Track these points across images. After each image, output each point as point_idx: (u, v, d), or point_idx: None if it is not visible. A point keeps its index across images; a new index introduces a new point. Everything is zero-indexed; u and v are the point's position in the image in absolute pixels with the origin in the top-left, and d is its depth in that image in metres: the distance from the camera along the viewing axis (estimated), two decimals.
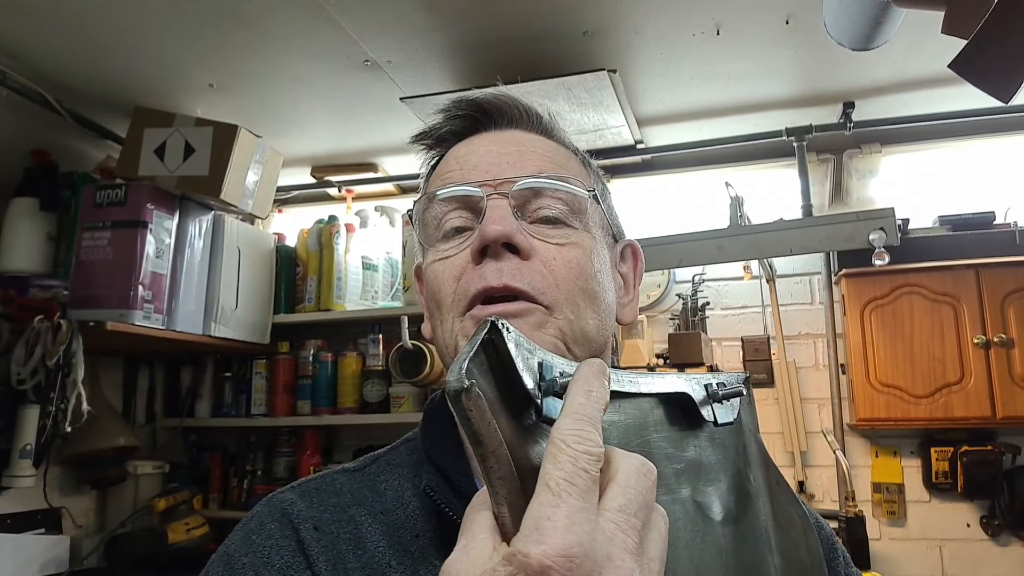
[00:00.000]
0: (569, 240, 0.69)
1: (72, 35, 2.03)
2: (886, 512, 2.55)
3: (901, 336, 2.45)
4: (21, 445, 2.23)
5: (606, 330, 0.71)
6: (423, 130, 0.80)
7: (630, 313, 0.78)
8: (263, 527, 0.66)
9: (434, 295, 0.70)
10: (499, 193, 0.68)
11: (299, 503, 0.68)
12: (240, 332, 2.65)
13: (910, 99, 2.47)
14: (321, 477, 0.73)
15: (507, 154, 0.72)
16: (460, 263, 0.68)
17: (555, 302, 0.66)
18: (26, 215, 2.33)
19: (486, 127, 0.77)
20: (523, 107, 0.78)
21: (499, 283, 0.65)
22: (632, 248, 0.82)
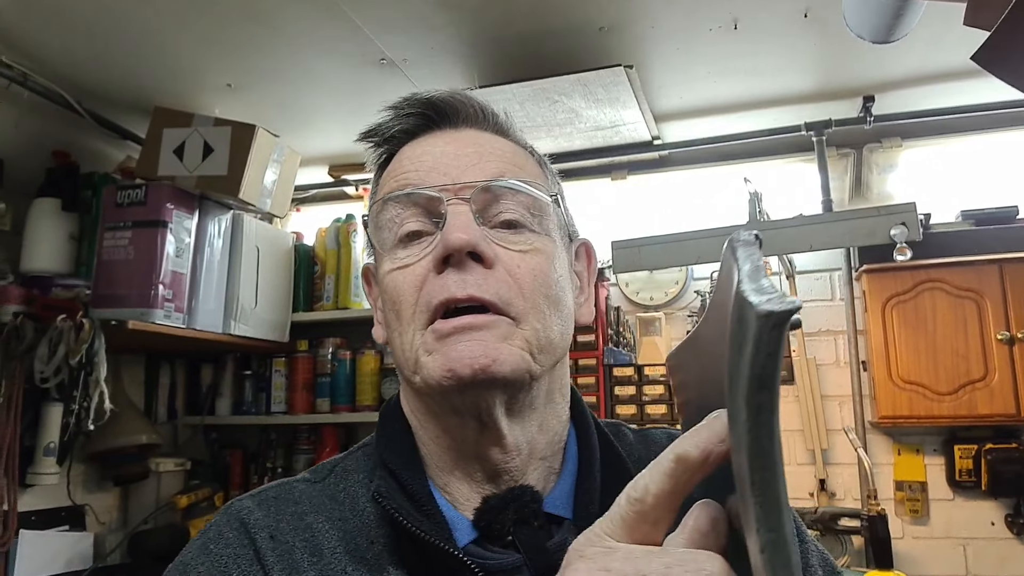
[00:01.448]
0: (532, 246, 0.67)
1: (92, 37, 2.05)
2: (909, 511, 2.52)
3: (924, 332, 2.42)
4: (45, 443, 2.26)
5: (568, 334, 0.70)
6: (371, 126, 0.76)
7: (587, 313, 0.76)
8: (221, 536, 0.65)
9: (393, 305, 0.67)
10: (459, 198, 0.66)
11: (257, 511, 0.66)
12: (259, 330, 2.66)
13: (931, 92, 2.44)
14: (280, 485, 0.71)
15: (465, 155, 0.69)
16: (420, 272, 0.66)
17: (521, 312, 0.64)
18: (48, 215, 2.36)
19: (439, 126, 0.73)
20: (478, 105, 0.74)
21: (464, 294, 0.63)
22: (586, 247, 0.80)
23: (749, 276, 0.35)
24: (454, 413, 0.66)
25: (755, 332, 0.32)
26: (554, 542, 0.65)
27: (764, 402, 0.33)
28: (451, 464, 0.68)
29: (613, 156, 2.81)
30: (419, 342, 0.65)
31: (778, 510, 0.34)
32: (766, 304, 0.32)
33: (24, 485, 2.25)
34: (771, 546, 0.33)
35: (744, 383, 0.33)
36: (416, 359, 0.65)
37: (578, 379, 2.60)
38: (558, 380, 0.71)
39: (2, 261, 2.28)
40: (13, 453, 2.15)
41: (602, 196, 2.95)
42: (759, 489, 0.33)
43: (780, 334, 0.32)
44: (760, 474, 0.33)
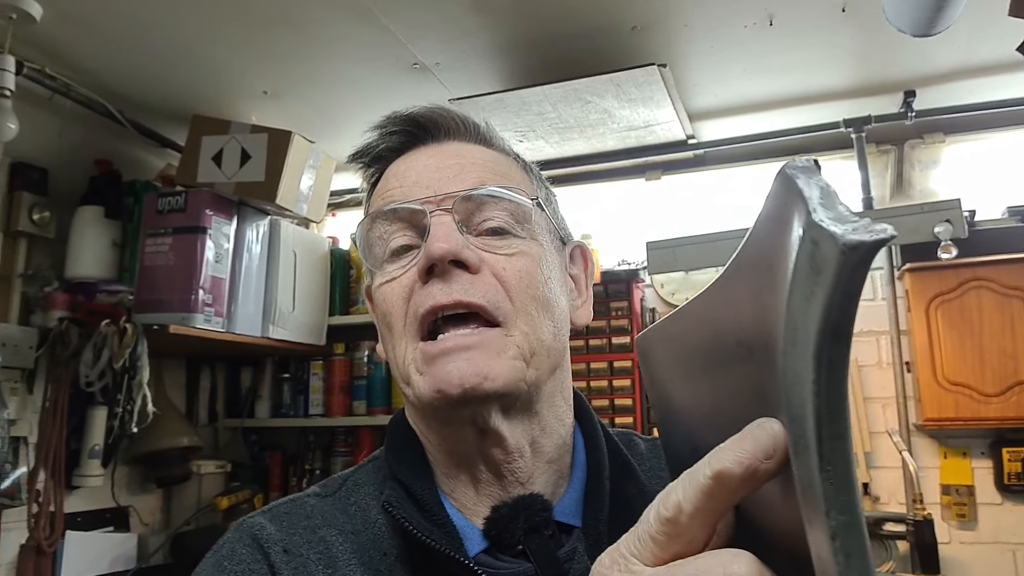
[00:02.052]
0: (517, 250, 0.68)
1: (132, 48, 2.09)
2: (956, 515, 2.46)
3: (969, 332, 2.35)
4: (90, 445, 2.31)
5: (563, 336, 0.70)
6: (358, 148, 0.78)
7: (584, 315, 0.76)
8: (234, 553, 0.65)
9: (385, 318, 0.69)
10: (442, 209, 0.67)
11: (269, 527, 0.67)
12: (297, 334, 2.69)
13: (974, 86, 2.37)
14: (291, 501, 0.72)
15: (447, 167, 0.70)
16: (407, 283, 0.66)
17: (509, 315, 0.65)
18: (92, 223, 2.41)
19: (423, 141, 0.75)
20: (459, 118, 0.76)
21: (450, 300, 0.63)
22: (581, 249, 0.80)
23: (823, 203, 0.29)
24: (448, 425, 0.66)
25: (837, 268, 0.27)
26: (565, 551, 0.64)
27: (838, 357, 0.28)
28: (456, 468, 0.68)
29: (647, 156, 2.79)
30: (410, 358, 0.66)
31: (850, 488, 0.28)
32: (852, 234, 0.27)
33: (70, 487, 2.30)
34: (844, 530, 0.28)
35: (815, 334, 0.28)
36: (408, 375, 0.66)
37: (613, 381, 2.58)
38: (558, 384, 0.71)
39: (47, 268, 2.33)
40: (60, 456, 2.21)
41: (636, 197, 2.93)
42: (829, 464, 0.28)
43: (866, 271, 0.27)
44: (830, 445, 0.28)
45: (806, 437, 0.29)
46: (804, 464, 0.30)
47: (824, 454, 0.28)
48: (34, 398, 2.26)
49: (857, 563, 0.28)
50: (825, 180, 0.31)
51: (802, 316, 0.29)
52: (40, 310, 2.27)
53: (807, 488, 0.29)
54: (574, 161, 2.79)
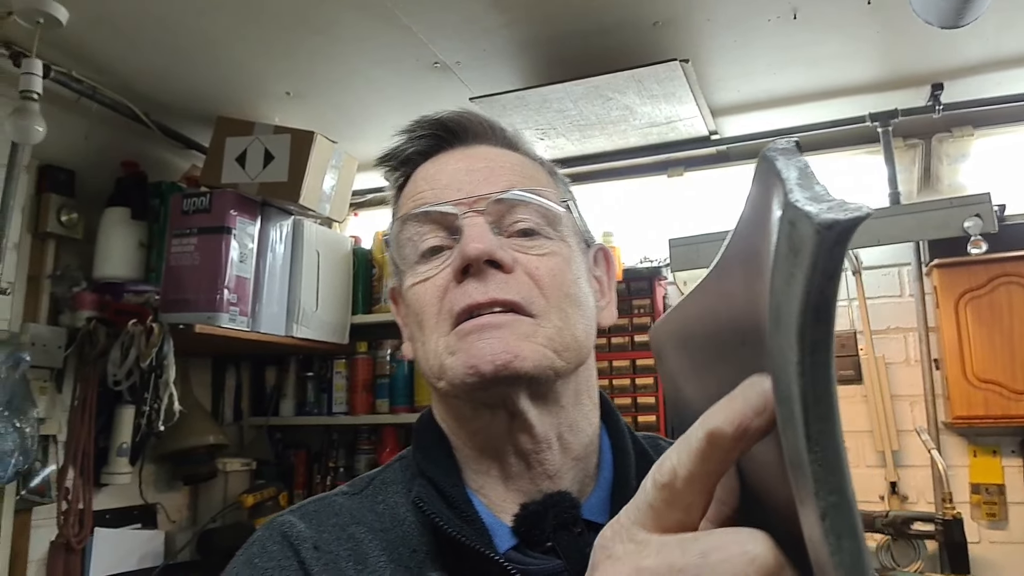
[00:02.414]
0: (549, 250, 0.69)
1: (158, 51, 2.11)
2: (986, 514, 2.42)
3: (1000, 329, 2.31)
4: (118, 443, 2.34)
5: (592, 335, 0.71)
6: (387, 151, 0.79)
7: (608, 316, 0.77)
8: (265, 550, 0.65)
9: (417, 317, 0.69)
10: (474, 211, 0.68)
11: (299, 524, 0.67)
12: (320, 333, 2.71)
13: (1004, 78, 2.33)
14: (320, 500, 0.73)
15: (477, 170, 0.71)
16: (441, 283, 0.67)
17: (543, 311, 0.66)
18: (119, 224, 2.44)
19: (451, 144, 0.76)
20: (487, 122, 0.77)
21: (486, 298, 0.64)
22: (604, 252, 0.81)
23: (799, 184, 0.29)
24: (484, 407, 0.67)
25: (813, 248, 0.27)
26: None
27: (821, 338, 0.28)
28: (485, 464, 0.69)
29: (669, 153, 2.77)
30: (442, 346, 0.66)
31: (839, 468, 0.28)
32: (827, 213, 0.27)
33: (98, 485, 2.34)
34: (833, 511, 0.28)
35: (795, 316, 0.28)
36: (440, 363, 0.66)
37: (635, 379, 2.57)
38: (584, 382, 0.72)
39: (76, 269, 2.37)
40: (88, 454, 2.24)
41: (658, 194, 2.92)
42: (816, 444, 0.28)
43: (843, 250, 0.27)
44: (817, 426, 0.28)
45: (793, 419, 0.29)
46: (792, 445, 0.29)
47: (811, 435, 0.28)
48: (63, 397, 2.29)
49: (848, 544, 0.28)
50: (804, 161, 0.31)
51: (784, 298, 0.29)
52: (68, 310, 2.31)
53: (796, 469, 0.29)
54: (595, 158, 2.78)
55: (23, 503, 2.16)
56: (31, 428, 2.05)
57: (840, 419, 0.29)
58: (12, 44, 1.99)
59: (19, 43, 1.99)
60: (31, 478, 2.17)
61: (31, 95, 1.90)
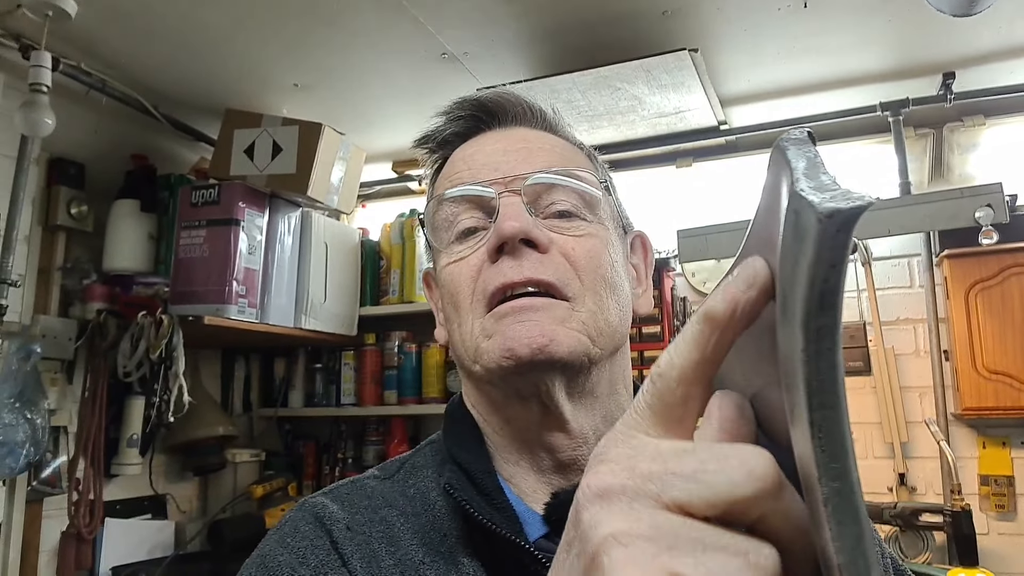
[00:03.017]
0: (586, 232, 0.68)
1: (166, 44, 2.11)
2: (995, 506, 2.41)
3: (1010, 320, 2.30)
4: (128, 434, 2.36)
5: (627, 321, 0.70)
6: (426, 132, 0.78)
7: (645, 304, 0.76)
8: (297, 530, 0.66)
9: (451, 297, 0.69)
10: (511, 191, 0.67)
11: (331, 506, 0.68)
12: (329, 324, 2.72)
13: (1016, 67, 2.31)
14: (352, 482, 0.73)
15: (515, 151, 0.71)
16: (476, 263, 0.67)
17: (578, 293, 0.65)
18: (128, 216, 2.45)
19: (490, 126, 0.76)
20: (526, 104, 0.76)
21: (521, 277, 0.64)
22: (641, 239, 0.80)
23: (806, 174, 0.30)
24: (517, 397, 0.66)
25: (816, 237, 0.27)
26: None
27: (826, 325, 0.28)
28: (516, 455, 0.69)
29: (678, 143, 2.76)
30: (478, 329, 0.66)
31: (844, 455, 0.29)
32: (829, 202, 0.27)
33: (109, 475, 2.35)
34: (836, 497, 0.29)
35: (801, 304, 0.28)
36: (476, 346, 0.66)
37: (643, 371, 2.57)
38: (620, 371, 0.71)
39: (86, 261, 2.38)
40: (99, 445, 2.25)
41: (667, 184, 2.91)
42: (821, 430, 0.28)
43: (846, 238, 0.27)
44: (822, 412, 0.28)
45: (799, 405, 0.29)
46: (798, 431, 0.30)
47: (815, 421, 0.29)
48: (73, 388, 2.31)
49: (849, 529, 0.29)
50: (814, 151, 0.31)
51: (790, 286, 0.29)
52: (79, 302, 2.32)
53: (802, 455, 0.30)
54: (604, 149, 2.71)
55: (34, 494, 2.18)
56: (42, 419, 2.07)
57: (846, 406, 0.29)
58: (21, 37, 2.00)
59: (28, 36, 1.99)
60: (42, 469, 2.19)
61: (40, 88, 1.90)
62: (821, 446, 0.29)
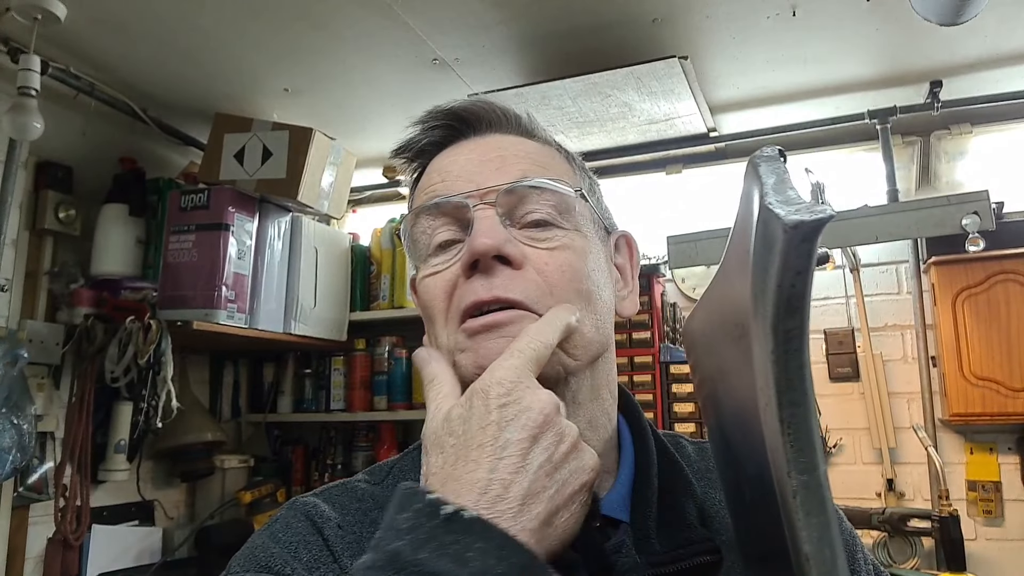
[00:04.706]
0: (561, 243, 0.68)
1: (155, 47, 2.11)
2: (982, 511, 2.42)
3: (997, 326, 2.32)
4: (116, 440, 2.34)
5: (606, 328, 0.70)
6: (402, 143, 0.78)
7: (630, 305, 0.77)
8: (289, 526, 0.66)
9: (427, 310, 0.70)
10: (485, 203, 0.67)
11: (322, 505, 0.68)
12: (318, 329, 2.71)
13: (1003, 75, 2.33)
14: (342, 484, 0.73)
15: (489, 160, 0.70)
16: (451, 277, 0.67)
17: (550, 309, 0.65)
18: (116, 220, 2.44)
19: (465, 135, 0.75)
20: (500, 110, 0.76)
21: (490, 295, 0.64)
22: (626, 239, 0.80)
23: (774, 188, 0.32)
24: None
25: (783, 246, 0.30)
26: (612, 543, 0.64)
27: (794, 328, 0.30)
28: None
29: (668, 150, 2.77)
30: (453, 343, 0.66)
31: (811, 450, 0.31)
32: (794, 215, 0.30)
33: (96, 481, 2.34)
34: (803, 490, 0.31)
35: (770, 308, 0.30)
36: (452, 360, 0.66)
37: (633, 376, 2.57)
38: (603, 376, 0.71)
39: (73, 265, 2.36)
40: (85, 450, 2.24)
41: (657, 190, 2.92)
42: (790, 427, 0.31)
43: (810, 248, 0.30)
44: (791, 410, 0.31)
45: (770, 403, 0.31)
46: (769, 428, 0.32)
47: (784, 419, 0.31)
48: (60, 394, 2.29)
49: (816, 520, 0.31)
50: (784, 167, 0.34)
51: (761, 292, 0.31)
52: (66, 307, 2.31)
53: (773, 451, 0.32)
54: (594, 155, 2.78)
55: (20, 500, 2.16)
56: (28, 425, 2.05)
57: (814, 404, 0.31)
58: (10, 40, 1.99)
59: (17, 39, 1.98)
60: (28, 475, 2.17)
61: (29, 91, 1.89)
62: (790, 441, 0.31)
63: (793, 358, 0.30)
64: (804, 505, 0.31)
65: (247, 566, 0.63)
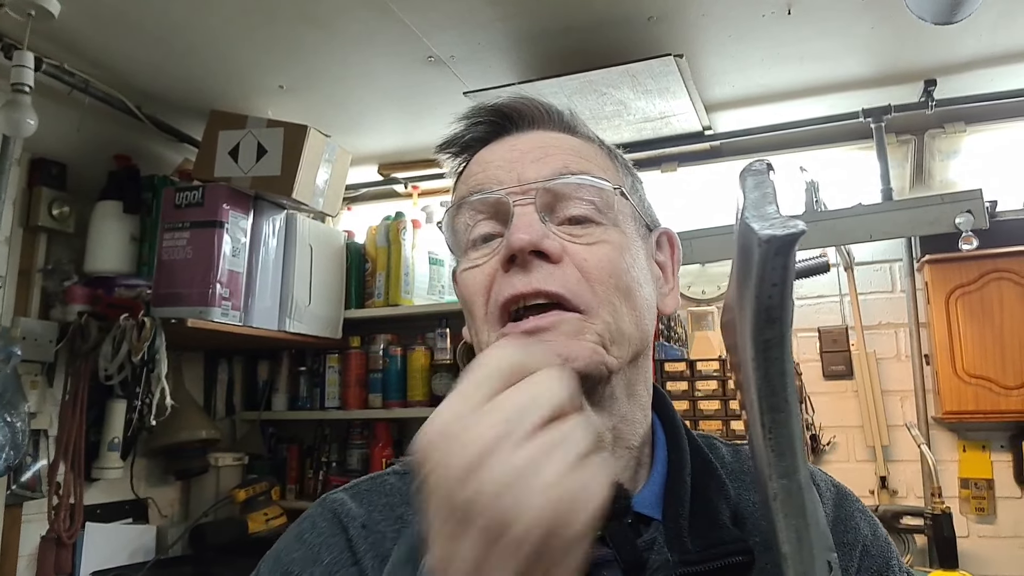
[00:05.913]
0: (599, 238, 0.68)
1: (150, 43, 2.10)
2: (975, 508, 2.44)
3: (990, 325, 2.33)
4: (110, 438, 2.33)
5: (645, 325, 0.70)
6: (447, 138, 0.80)
7: (671, 303, 0.77)
8: (315, 526, 0.68)
9: (467, 304, 0.70)
10: (525, 198, 0.68)
11: (350, 503, 0.69)
12: (313, 327, 2.71)
13: (997, 75, 2.34)
14: (372, 479, 0.74)
15: (530, 156, 0.71)
16: (489, 271, 0.68)
17: (590, 305, 0.65)
18: (111, 217, 2.43)
19: (508, 131, 0.76)
20: (543, 107, 0.77)
21: (529, 289, 0.64)
22: (668, 236, 0.80)
23: (754, 204, 0.33)
24: None
25: (759, 260, 0.31)
26: (643, 540, 0.65)
27: (773, 337, 0.31)
28: None
29: (663, 148, 2.77)
30: (494, 341, 0.66)
31: (792, 455, 0.32)
32: (768, 229, 0.31)
33: (90, 479, 2.33)
34: (783, 493, 0.32)
35: (750, 317, 0.32)
36: None
37: None
38: (641, 373, 0.71)
39: (67, 263, 2.36)
40: (79, 448, 2.23)
41: (652, 188, 2.89)
42: (771, 432, 0.32)
43: (784, 261, 0.31)
44: (771, 415, 0.32)
45: (753, 409, 0.33)
46: (753, 433, 0.34)
47: (766, 424, 0.32)
48: (54, 391, 2.28)
49: (794, 522, 0.32)
50: (769, 181, 0.35)
51: (741, 302, 0.33)
52: (60, 304, 2.30)
53: (756, 455, 0.34)
54: None
55: (14, 497, 2.15)
56: (22, 422, 2.04)
57: (796, 410, 0.32)
58: (4, 36, 1.98)
59: (11, 35, 1.97)
60: (22, 472, 2.16)
61: (22, 88, 1.88)
62: (771, 446, 0.32)
63: (774, 366, 0.32)
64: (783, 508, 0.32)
65: (273, 568, 0.66)
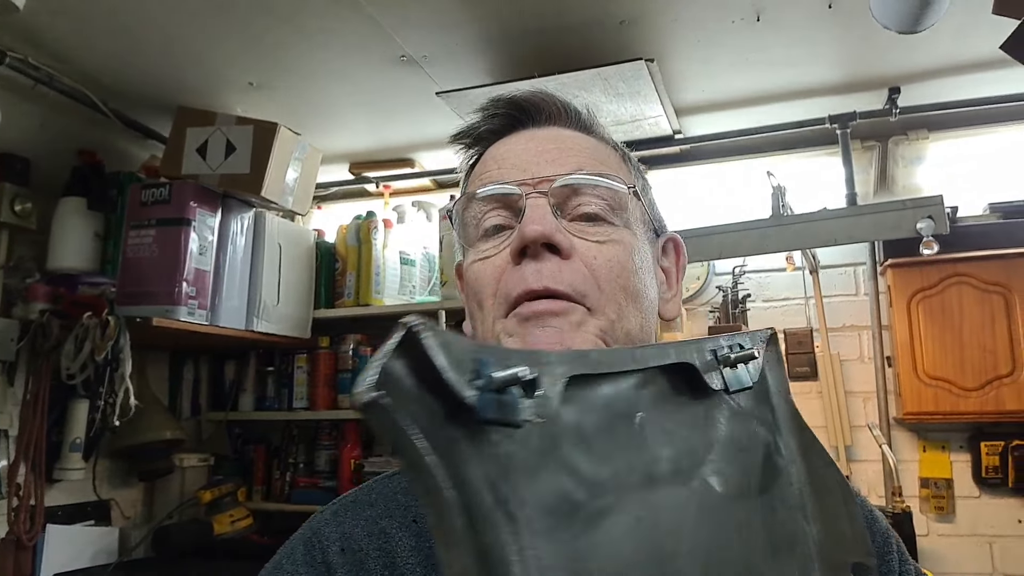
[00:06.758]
0: (610, 238, 0.68)
1: (116, 38, 2.07)
2: (934, 508, 2.49)
3: (950, 328, 2.38)
4: (72, 438, 2.29)
5: (649, 328, 0.70)
6: (461, 129, 0.79)
7: (673, 308, 0.77)
8: (293, 553, 0.68)
9: (475, 295, 0.70)
10: (538, 192, 0.68)
11: (331, 523, 0.69)
12: (282, 327, 2.68)
13: (959, 83, 2.40)
14: (363, 488, 0.74)
15: (545, 152, 0.71)
16: (500, 263, 0.68)
17: (596, 302, 0.65)
18: (74, 214, 2.38)
19: (524, 125, 0.76)
20: (561, 104, 0.77)
21: (539, 285, 0.64)
22: (674, 242, 0.81)
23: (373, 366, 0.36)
24: None
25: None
26: None
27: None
28: None
29: (634, 151, 2.78)
30: (500, 328, 0.67)
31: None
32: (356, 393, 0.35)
33: (51, 480, 2.28)
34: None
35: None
36: (498, 343, 0.67)
37: None
38: None
39: (29, 259, 2.31)
40: (40, 449, 2.18)
41: None
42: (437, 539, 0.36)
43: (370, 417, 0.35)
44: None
45: None
46: None
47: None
48: (15, 391, 2.23)
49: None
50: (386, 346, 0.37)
51: None
52: (21, 302, 2.25)
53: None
54: None
55: None
56: None
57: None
58: None
59: None
60: None
61: None
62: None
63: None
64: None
65: None
